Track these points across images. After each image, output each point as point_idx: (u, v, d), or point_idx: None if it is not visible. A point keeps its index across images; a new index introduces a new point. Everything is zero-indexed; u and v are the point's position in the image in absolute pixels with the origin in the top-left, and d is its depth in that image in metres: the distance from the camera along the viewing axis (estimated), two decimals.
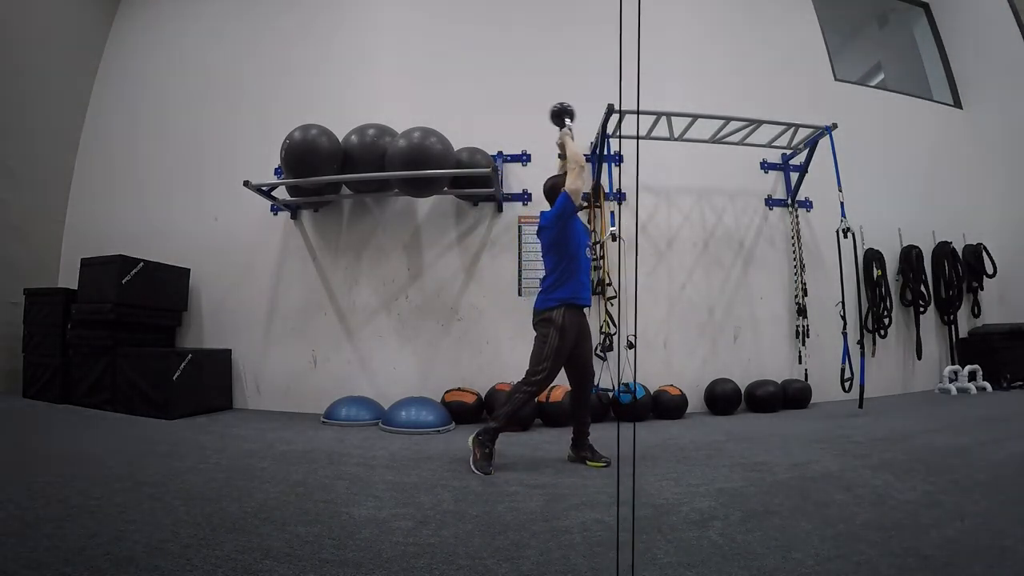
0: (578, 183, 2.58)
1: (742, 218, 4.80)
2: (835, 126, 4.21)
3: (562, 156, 2.86)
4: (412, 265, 4.53)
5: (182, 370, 3.89)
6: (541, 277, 2.79)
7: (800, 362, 4.65)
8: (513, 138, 4.65)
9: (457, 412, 3.88)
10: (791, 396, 4.33)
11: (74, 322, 4.19)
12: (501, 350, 4.34)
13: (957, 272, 5.28)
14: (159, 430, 3.40)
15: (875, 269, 4.92)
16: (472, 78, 4.80)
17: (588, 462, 2.61)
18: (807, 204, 4.92)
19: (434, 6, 5.03)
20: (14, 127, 4.73)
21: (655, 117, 4.21)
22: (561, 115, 2.78)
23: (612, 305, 4.28)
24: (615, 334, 4.23)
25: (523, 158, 4.65)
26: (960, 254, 5.35)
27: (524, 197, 4.57)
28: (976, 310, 5.47)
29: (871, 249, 4.99)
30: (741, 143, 4.49)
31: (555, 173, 2.91)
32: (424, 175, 3.91)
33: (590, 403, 2.82)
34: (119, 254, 4.11)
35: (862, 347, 4.21)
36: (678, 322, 4.55)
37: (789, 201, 4.87)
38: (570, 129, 2.77)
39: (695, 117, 4.18)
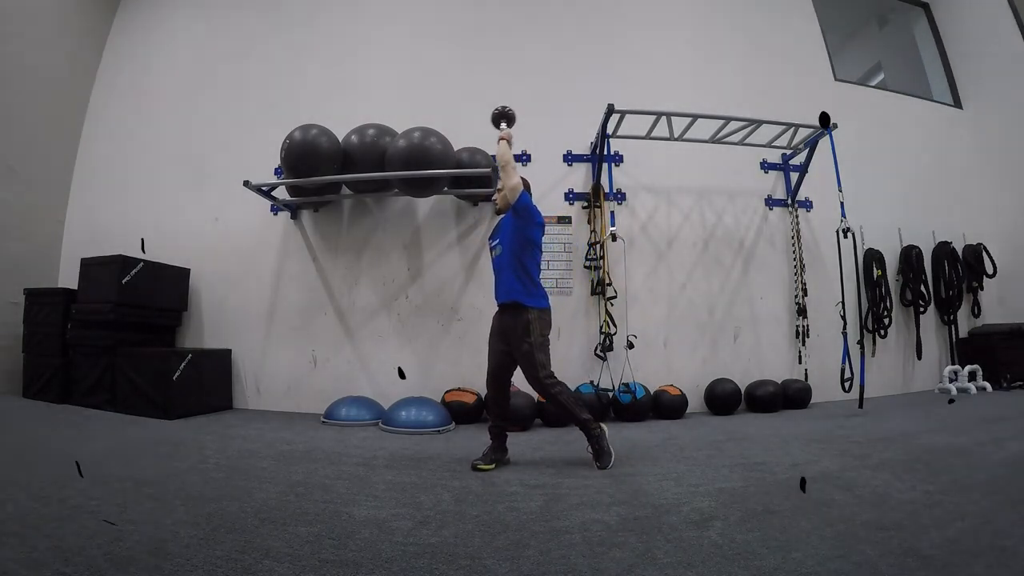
0: (516, 179, 2.67)
1: (742, 218, 4.80)
2: (835, 126, 4.21)
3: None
4: (412, 265, 4.53)
5: (182, 370, 3.89)
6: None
7: (800, 362, 4.65)
8: (513, 138, 4.63)
9: (457, 412, 3.88)
10: (791, 396, 4.33)
11: (74, 322, 4.19)
12: None
13: (957, 272, 5.28)
14: (159, 430, 3.40)
15: (875, 269, 4.92)
16: (472, 78, 4.79)
17: (479, 464, 2.54)
18: (807, 204, 4.92)
19: (434, 7, 5.03)
20: (14, 126, 4.73)
21: (655, 117, 4.21)
22: (499, 118, 2.86)
23: (612, 305, 4.28)
24: (615, 334, 4.23)
25: (523, 158, 4.64)
26: (960, 254, 5.35)
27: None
28: (976, 310, 5.47)
29: (871, 249, 4.99)
30: (741, 143, 4.49)
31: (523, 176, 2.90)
32: (424, 175, 3.91)
33: (506, 400, 2.81)
34: (119, 254, 4.11)
35: (862, 347, 4.21)
36: (678, 322, 4.55)
37: (789, 201, 4.87)
38: (505, 131, 2.81)
39: (695, 117, 4.17)
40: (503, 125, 2.84)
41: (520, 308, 2.63)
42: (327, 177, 3.98)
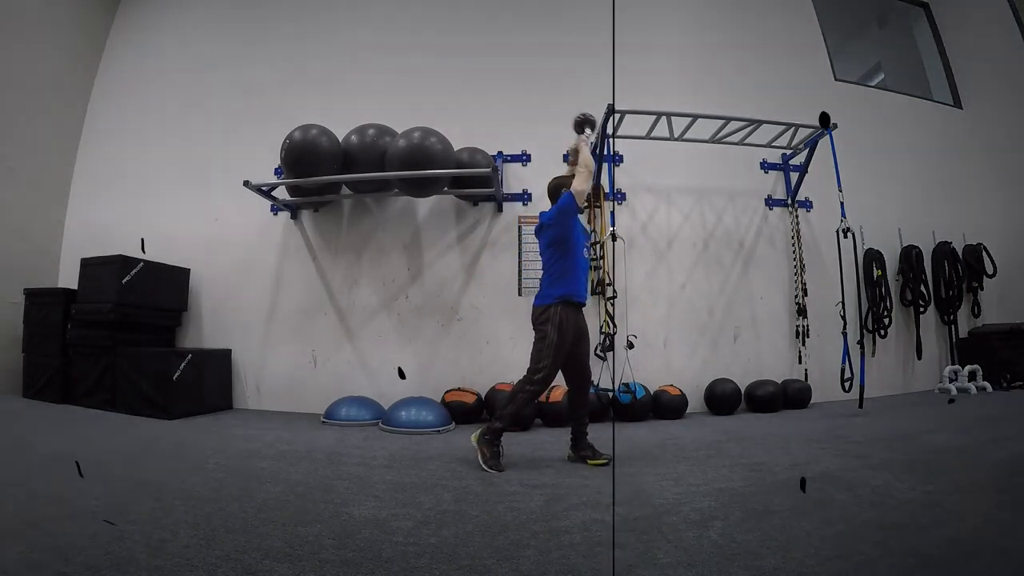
0: (585, 186, 2.69)
1: (742, 218, 4.80)
2: (835, 126, 4.21)
3: (572, 161, 2.94)
4: (412, 265, 4.53)
5: (182, 370, 3.89)
6: (540, 277, 2.81)
7: (800, 362, 4.65)
8: (513, 138, 4.65)
9: (457, 412, 3.88)
10: (791, 396, 4.32)
11: (74, 322, 4.19)
12: (501, 350, 4.34)
13: (957, 272, 5.28)
14: (159, 430, 3.40)
15: (875, 269, 4.91)
16: (472, 78, 4.80)
17: (588, 461, 2.61)
18: (807, 204, 4.92)
19: (435, 7, 5.03)
20: (14, 127, 4.72)
21: (655, 117, 4.21)
22: (583, 124, 2.93)
23: (612, 305, 4.28)
24: (615, 334, 4.23)
25: (523, 158, 4.64)
26: (960, 254, 5.35)
27: (524, 197, 4.57)
28: (976, 310, 5.46)
29: (871, 249, 4.98)
30: (741, 143, 4.48)
31: (560, 174, 2.98)
32: (424, 175, 3.91)
33: (588, 402, 2.83)
34: (119, 254, 4.11)
35: (862, 347, 4.21)
36: (678, 322, 4.55)
37: (789, 201, 4.87)
38: (588, 138, 2.90)
39: (695, 117, 4.17)
40: (587, 130, 2.91)
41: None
42: (327, 177, 3.98)
